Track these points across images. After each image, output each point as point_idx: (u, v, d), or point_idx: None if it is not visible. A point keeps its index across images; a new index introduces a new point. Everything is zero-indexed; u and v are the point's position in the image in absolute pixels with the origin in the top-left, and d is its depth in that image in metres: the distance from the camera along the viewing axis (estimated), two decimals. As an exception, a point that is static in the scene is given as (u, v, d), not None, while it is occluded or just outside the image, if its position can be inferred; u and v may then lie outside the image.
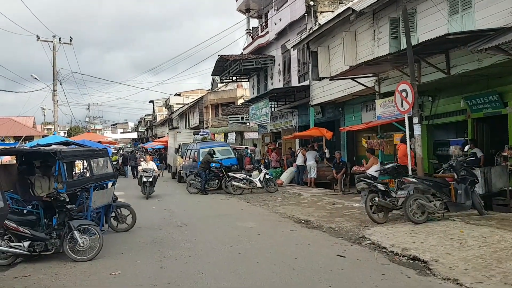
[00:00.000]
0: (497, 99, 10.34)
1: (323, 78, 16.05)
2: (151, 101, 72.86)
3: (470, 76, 10.25)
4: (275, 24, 21.97)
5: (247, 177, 16.36)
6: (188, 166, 20.46)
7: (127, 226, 9.66)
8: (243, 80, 29.58)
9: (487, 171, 10.02)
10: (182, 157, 22.97)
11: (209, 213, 12.00)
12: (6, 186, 8.15)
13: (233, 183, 16.15)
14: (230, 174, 16.64)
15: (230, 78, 27.75)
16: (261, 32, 24.88)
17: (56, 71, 26.73)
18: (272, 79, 23.78)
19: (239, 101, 34.97)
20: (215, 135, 31.54)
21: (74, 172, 12.65)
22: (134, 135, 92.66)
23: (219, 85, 40.67)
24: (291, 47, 19.48)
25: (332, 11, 17.81)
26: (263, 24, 24.93)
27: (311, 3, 18.29)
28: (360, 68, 12.17)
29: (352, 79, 13.68)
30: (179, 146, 25.34)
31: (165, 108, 62.93)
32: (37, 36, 25.78)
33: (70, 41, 26.86)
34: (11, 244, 6.97)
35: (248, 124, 29.59)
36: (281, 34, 21.80)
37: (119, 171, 26.76)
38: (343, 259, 6.58)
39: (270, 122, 23.68)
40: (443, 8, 10.62)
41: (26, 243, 6.99)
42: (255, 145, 26.15)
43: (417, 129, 9.92)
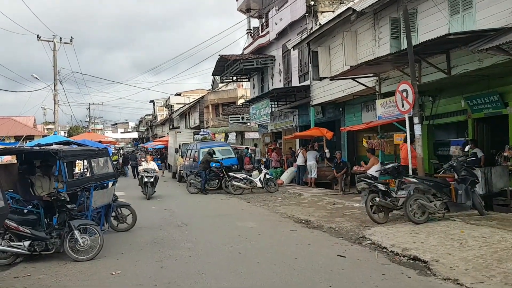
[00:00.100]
0: (498, 99, 10.34)
1: (324, 78, 16.05)
2: (152, 101, 72.91)
3: (471, 76, 10.24)
4: (276, 24, 21.97)
5: (248, 177, 16.36)
6: (189, 166, 20.48)
7: (128, 226, 9.66)
8: (244, 80, 29.58)
9: (488, 171, 10.03)
10: (183, 157, 22.99)
11: (210, 213, 12.00)
12: (7, 186, 8.17)
13: (234, 183, 16.15)
14: (231, 174, 16.64)
15: (231, 78, 27.74)
16: (262, 32, 24.89)
17: (57, 71, 26.76)
18: (273, 79, 23.78)
19: (240, 101, 34.97)
20: (216, 135, 31.57)
21: (75, 172, 12.63)
22: (135, 135, 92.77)
23: (220, 85, 40.68)
24: (292, 47, 19.47)
25: (333, 11, 17.81)
26: (264, 24, 24.92)
27: (312, 3, 18.29)
28: (361, 68, 12.17)
29: (353, 79, 13.67)
30: (180, 146, 25.32)
31: (166, 108, 62.96)
32: (38, 36, 25.78)
33: (71, 41, 26.86)
34: (12, 244, 6.97)
35: (249, 124, 29.59)
36: (282, 34, 21.80)
37: (120, 171, 26.76)
38: (344, 259, 6.58)
39: (271, 122, 23.68)
40: (444, 8, 10.61)
41: (27, 243, 6.99)
42: (256, 145, 26.16)
43: (418, 129, 9.92)
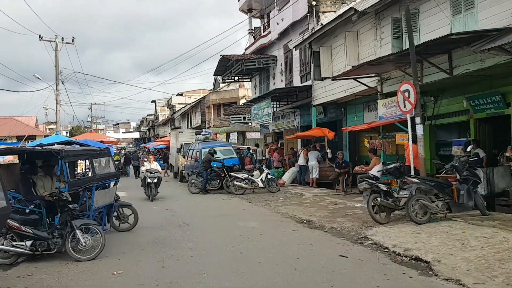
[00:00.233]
0: (500, 100, 10.32)
1: (325, 78, 16.04)
2: (153, 101, 73.03)
3: (473, 77, 10.22)
4: (277, 24, 21.97)
5: (249, 177, 16.35)
6: (190, 166, 20.50)
7: (129, 226, 9.68)
8: (245, 80, 29.59)
9: (490, 172, 10.02)
10: (184, 157, 23.02)
11: (211, 213, 12.01)
12: (9, 186, 8.17)
13: (235, 183, 16.15)
14: (232, 174, 16.64)
15: (232, 78, 27.74)
16: (263, 32, 24.89)
17: (59, 71, 26.81)
18: (274, 79, 23.77)
19: (241, 101, 34.97)
20: (217, 135, 31.57)
21: (77, 172, 12.65)
22: (136, 135, 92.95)
23: (221, 85, 40.68)
24: (293, 47, 19.47)
25: (335, 11, 17.80)
26: (265, 24, 24.93)
27: (314, 3, 18.28)
28: (363, 68, 12.16)
29: (354, 79, 13.65)
30: (181, 146, 25.36)
31: (167, 108, 63.02)
32: (40, 36, 25.84)
33: (73, 41, 26.91)
34: (14, 243, 6.99)
35: (250, 124, 29.60)
36: (283, 34, 21.79)
37: (121, 171, 26.78)
38: (345, 259, 6.58)
39: (272, 122, 23.67)
40: (446, 8, 10.60)
41: (29, 243, 7.01)
42: (257, 145, 26.15)
43: (420, 130, 9.90)
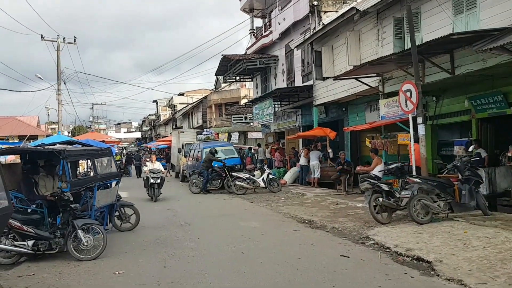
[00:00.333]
0: (502, 99, 10.30)
1: (327, 78, 16.03)
2: (155, 101, 73.02)
3: (475, 76, 10.20)
4: (279, 24, 21.95)
5: (251, 177, 16.36)
6: (192, 166, 20.51)
7: (131, 226, 9.68)
8: (247, 80, 29.56)
9: (492, 172, 10.01)
10: (186, 157, 23.03)
11: (213, 213, 12.01)
12: (11, 185, 8.17)
13: (237, 183, 16.16)
14: (234, 174, 16.64)
15: (234, 78, 27.72)
16: (265, 32, 24.86)
17: (60, 71, 26.80)
18: (276, 79, 23.76)
19: (243, 101, 34.98)
20: (219, 135, 31.58)
21: (78, 172, 12.67)
22: (138, 135, 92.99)
23: (223, 85, 40.69)
24: (295, 47, 19.46)
25: (336, 11, 17.78)
26: (267, 24, 24.91)
27: (315, 3, 18.26)
28: (364, 68, 12.15)
29: (356, 79, 13.64)
30: (183, 146, 25.40)
31: (169, 108, 63.05)
32: (42, 36, 25.85)
33: (74, 41, 26.92)
34: (15, 243, 6.99)
35: (252, 124, 29.59)
36: (285, 34, 21.77)
37: (123, 171, 26.80)
38: (347, 259, 6.57)
39: (274, 122, 23.66)
40: (448, 8, 10.58)
41: (30, 242, 7.01)
42: (259, 145, 26.17)
43: (421, 129, 9.89)
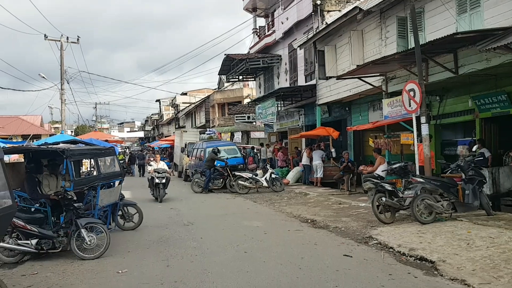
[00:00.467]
0: (506, 99, 10.26)
1: (330, 78, 16.01)
2: (158, 100, 73.11)
3: (478, 76, 10.18)
4: (282, 23, 21.95)
5: (253, 176, 16.37)
6: (194, 165, 20.54)
7: (134, 225, 9.70)
8: (250, 79, 29.60)
9: (495, 171, 9.97)
10: (189, 156, 23.06)
11: (215, 212, 12.01)
12: (14, 184, 8.22)
13: (240, 182, 16.17)
14: (237, 173, 16.65)
15: (237, 77, 27.75)
16: (268, 31, 24.87)
17: (64, 70, 26.90)
18: (279, 78, 23.76)
19: (246, 100, 34.98)
20: (222, 134, 31.59)
21: (82, 171, 12.71)
22: (141, 134, 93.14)
23: (226, 84, 40.71)
24: (298, 46, 19.44)
25: (339, 10, 17.77)
26: (270, 23, 24.91)
27: (318, 2, 18.26)
28: (367, 68, 12.13)
29: (359, 79, 13.62)
30: (186, 145, 25.41)
31: (172, 107, 63.13)
32: (45, 36, 25.95)
33: (78, 41, 27.00)
34: (19, 242, 7.02)
35: (255, 124, 29.60)
36: (288, 33, 21.78)
37: (126, 170, 26.85)
38: (350, 259, 6.56)
39: (277, 122, 23.67)
40: (451, 7, 10.55)
41: (34, 241, 7.03)
42: (262, 145, 26.17)
43: (425, 129, 9.87)
